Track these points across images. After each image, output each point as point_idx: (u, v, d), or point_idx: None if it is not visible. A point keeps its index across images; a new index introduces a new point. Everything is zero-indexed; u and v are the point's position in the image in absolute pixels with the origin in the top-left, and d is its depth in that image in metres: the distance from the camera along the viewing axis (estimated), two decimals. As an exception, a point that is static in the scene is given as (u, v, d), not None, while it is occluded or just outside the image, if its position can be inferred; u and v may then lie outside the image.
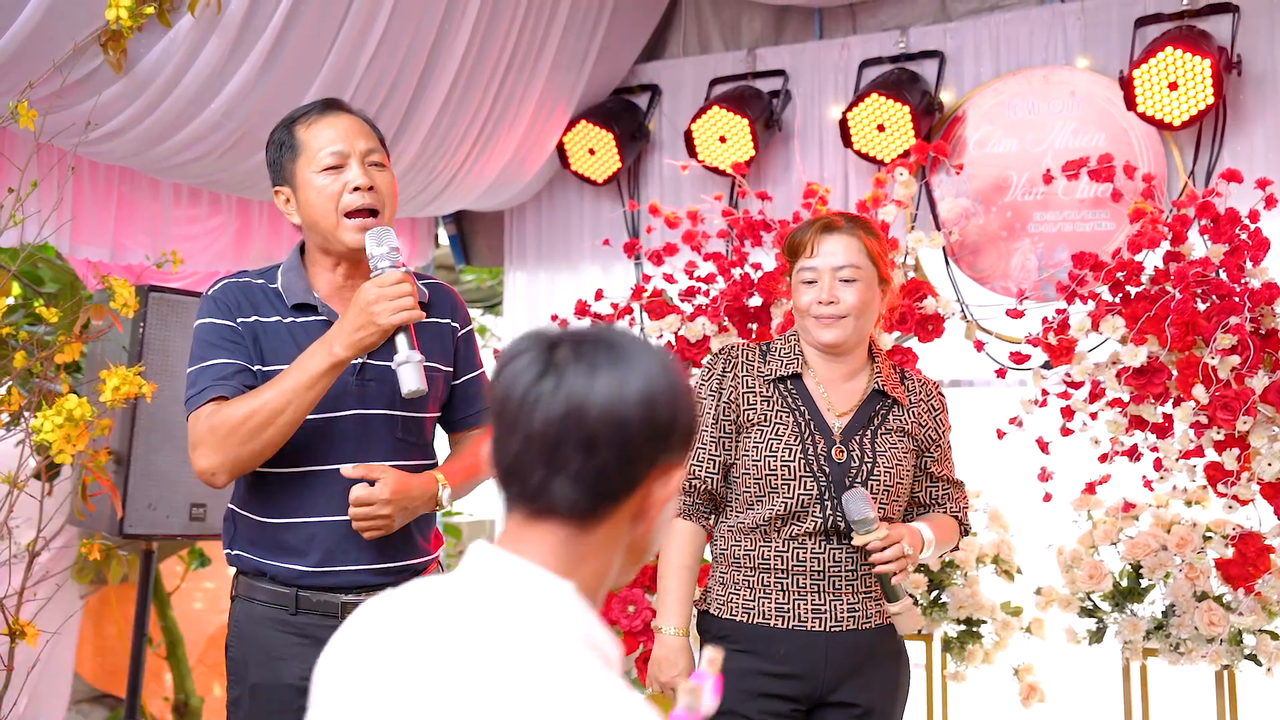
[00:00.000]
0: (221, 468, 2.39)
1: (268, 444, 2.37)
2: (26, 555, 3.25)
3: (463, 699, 1.21)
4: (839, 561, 2.74)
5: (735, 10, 5.71)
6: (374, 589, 2.49)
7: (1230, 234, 3.70)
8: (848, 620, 2.75)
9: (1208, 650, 3.74)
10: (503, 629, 1.26)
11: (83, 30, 3.35)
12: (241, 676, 2.50)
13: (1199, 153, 4.62)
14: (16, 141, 3.80)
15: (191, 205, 4.84)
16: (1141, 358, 3.68)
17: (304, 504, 2.49)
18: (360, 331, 2.34)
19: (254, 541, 2.52)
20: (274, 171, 2.58)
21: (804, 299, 2.80)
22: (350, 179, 2.47)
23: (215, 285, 2.54)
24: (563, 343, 1.33)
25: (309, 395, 2.35)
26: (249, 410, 2.34)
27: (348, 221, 2.47)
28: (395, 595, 1.40)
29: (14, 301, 4.88)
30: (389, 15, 4.16)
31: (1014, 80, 4.95)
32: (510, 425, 1.32)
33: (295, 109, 2.61)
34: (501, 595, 1.30)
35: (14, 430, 3.28)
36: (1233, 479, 3.62)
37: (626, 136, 5.54)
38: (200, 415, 2.40)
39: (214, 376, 2.42)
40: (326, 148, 2.48)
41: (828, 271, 2.78)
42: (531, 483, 1.32)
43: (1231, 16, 4.55)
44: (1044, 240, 4.80)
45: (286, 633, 2.48)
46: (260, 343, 2.48)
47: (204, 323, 2.49)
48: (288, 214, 2.56)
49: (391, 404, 2.54)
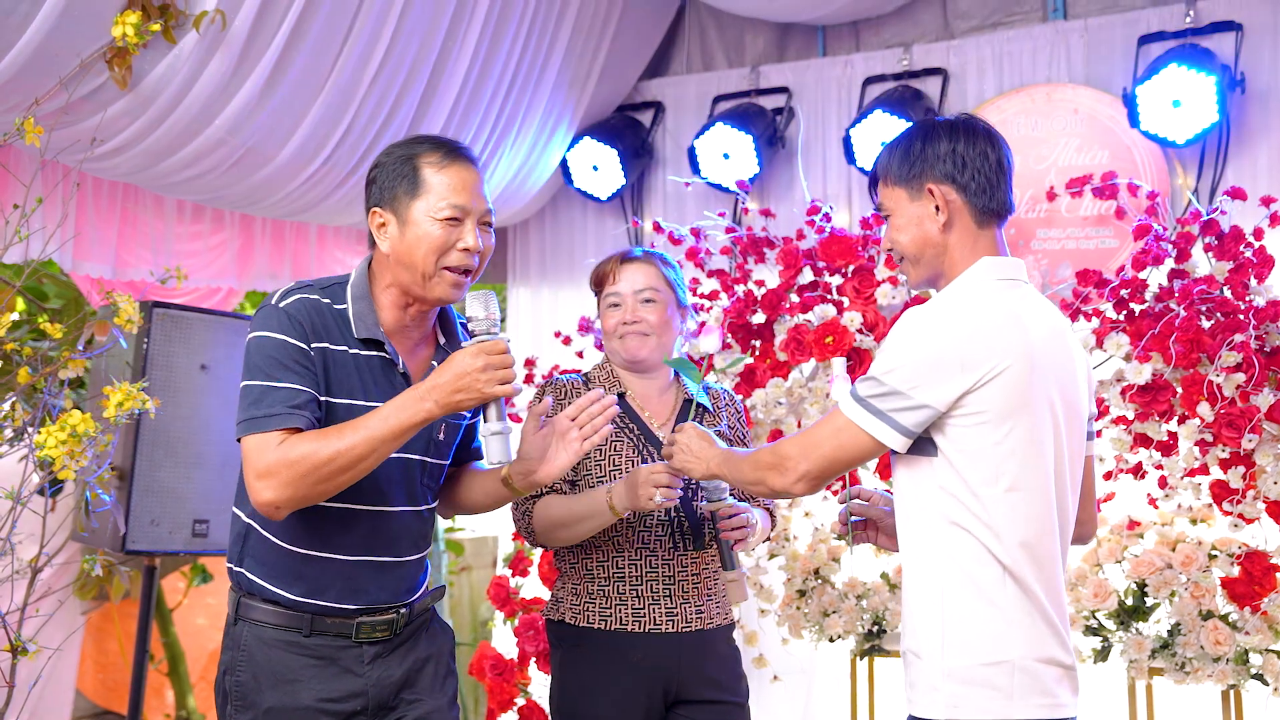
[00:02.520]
0: (289, 503, 2.32)
1: (340, 486, 2.33)
2: (29, 571, 3.24)
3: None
4: (685, 567, 2.97)
5: (739, 27, 5.72)
6: (386, 610, 2.51)
7: (1234, 251, 3.70)
8: (697, 621, 2.97)
9: (1214, 669, 3.73)
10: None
11: (88, 47, 3.36)
12: (253, 701, 2.44)
13: (1203, 170, 4.63)
14: (22, 158, 3.81)
15: (195, 222, 4.85)
16: (1146, 375, 3.67)
17: (333, 540, 2.46)
18: (460, 395, 2.31)
19: (267, 565, 2.46)
20: (379, 193, 2.49)
21: (611, 321, 3.07)
22: (464, 239, 2.44)
23: (287, 298, 2.45)
24: None
25: (393, 445, 2.33)
26: (333, 452, 2.28)
27: (446, 274, 2.44)
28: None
29: (18, 317, 4.88)
30: (393, 34, 4.18)
31: (1017, 97, 4.96)
32: None
33: (419, 137, 2.54)
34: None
35: (17, 446, 3.28)
36: (1238, 497, 3.61)
37: (630, 153, 5.55)
38: (268, 442, 2.31)
39: (286, 402, 2.34)
40: (451, 199, 2.43)
41: (630, 295, 3.05)
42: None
43: (1235, 34, 4.56)
44: (1048, 257, 4.80)
45: (300, 654, 2.45)
46: (329, 372, 2.43)
47: (275, 338, 2.39)
48: (378, 238, 2.49)
49: (425, 451, 2.56)
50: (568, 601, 3.02)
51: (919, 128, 2.51)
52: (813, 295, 4.20)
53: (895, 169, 2.47)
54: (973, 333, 2.28)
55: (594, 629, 2.95)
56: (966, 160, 2.44)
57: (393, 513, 2.52)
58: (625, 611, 2.94)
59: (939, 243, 2.45)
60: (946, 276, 2.47)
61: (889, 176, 2.49)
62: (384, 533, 2.51)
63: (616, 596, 2.96)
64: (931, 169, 2.44)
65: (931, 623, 2.33)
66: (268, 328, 2.40)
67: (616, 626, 2.94)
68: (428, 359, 2.57)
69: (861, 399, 2.31)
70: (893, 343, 2.32)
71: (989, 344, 2.27)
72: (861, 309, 4.07)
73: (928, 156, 2.44)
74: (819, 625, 4.33)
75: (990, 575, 2.30)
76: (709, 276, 4.46)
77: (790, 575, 4.40)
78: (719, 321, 4.28)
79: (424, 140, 2.52)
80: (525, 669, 4.23)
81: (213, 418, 4.08)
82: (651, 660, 2.93)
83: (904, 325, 2.33)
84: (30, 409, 3.28)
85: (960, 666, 2.29)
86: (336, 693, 2.45)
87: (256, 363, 2.38)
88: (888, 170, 2.49)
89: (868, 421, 2.30)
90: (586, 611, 2.97)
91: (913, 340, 2.30)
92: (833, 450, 2.36)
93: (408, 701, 2.54)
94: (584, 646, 2.97)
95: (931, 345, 2.28)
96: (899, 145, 2.49)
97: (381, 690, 2.50)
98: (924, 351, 2.28)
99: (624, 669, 2.92)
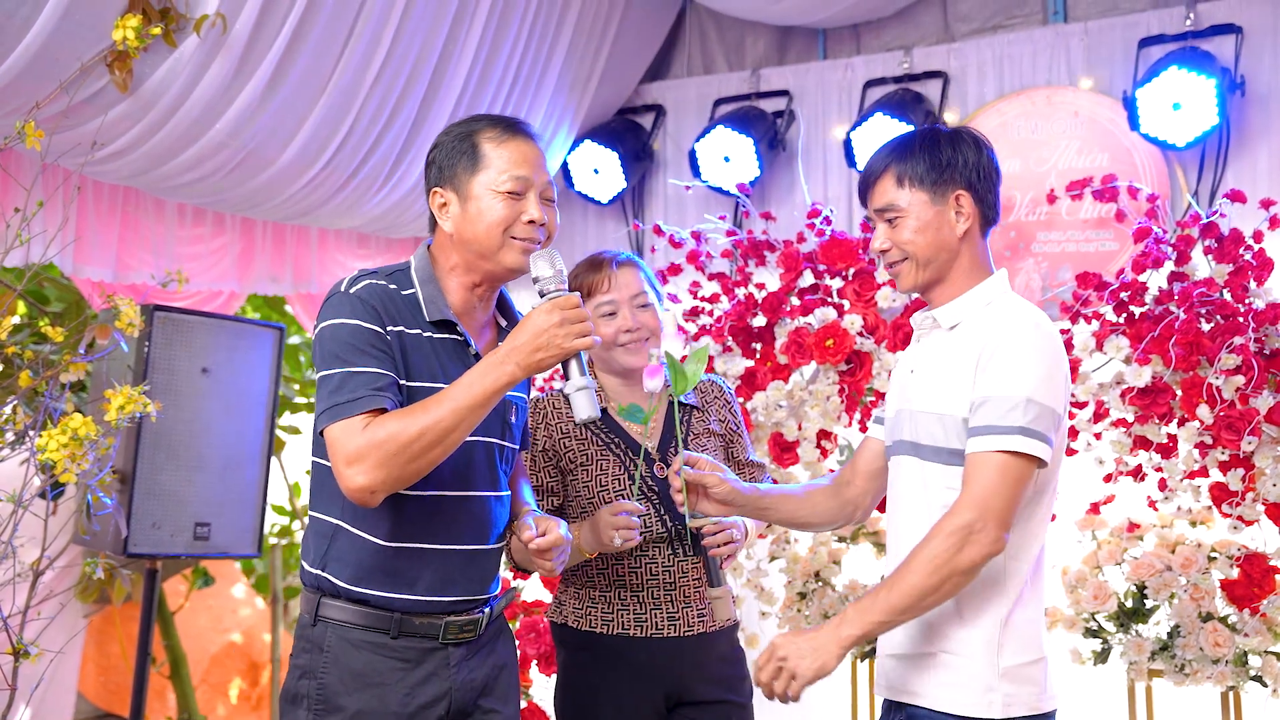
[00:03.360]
0: (384, 485, 2.25)
1: (432, 464, 2.27)
2: (30, 574, 3.25)
3: None
4: (686, 573, 2.94)
5: (739, 31, 5.73)
6: (472, 609, 2.49)
7: (1234, 254, 3.70)
8: (699, 624, 2.94)
9: (1213, 671, 3.73)
10: None
11: (89, 50, 3.36)
12: (339, 705, 2.37)
13: (1203, 173, 4.63)
14: (22, 161, 3.81)
15: (196, 225, 4.85)
16: (1146, 378, 3.67)
17: (425, 530, 2.41)
18: (540, 353, 2.27)
19: (355, 564, 2.40)
20: (438, 172, 2.47)
21: (607, 330, 2.96)
22: (529, 210, 2.41)
23: (356, 284, 2.40)
24: None
25: (479, 414, 2.28)
26: (421, 428, 2.23)
27: (515, 242, 2.41)
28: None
29: (19, 320, 4.89)
30: (394, 37, 4.18)
31: (1017, 100, 4.96)
32: None
33: (477, 116, 2.52)
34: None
35: (19, 449, 3.28)
36: (1238, 499, 3.61)
37: (631, 156, 5.56)
38: (354, 427, 2.26)
39: (369, 385, 2.29)
40: (512, 171, 2.41)
41: (625, 301, 2.97)
42: None
43: (1235, 37, 4.56)
44: (1048, 260, 4.80)
45: (388, 656, 2.39)
46: (407, 356, 2.38)
47: (349, 324, 2.34)
48: (441, 218, 2.46)
49: (502, 434, 2.54)
50: (570, 605, 3.01)
51: (939, 133, 2.53)
52: (813, 298, 4.20)
53: (921, 171, 2.48)
54: (1061, 343, 2.43)
55: (596, 633, 2.95)
56: (985, 172, 2.51)
57: (477, 498, 2.49)
58: (627, 616, 2.94)
59: (954, 249, 2.49)
60: (949, 281, 2.51)
61: (909, 177, 2.49)
62: (471, 519, 2.47)
63: (618, 601, 2.95)
64: (960, 176, 2.48)
65: (983, 624, 2.37)
66: (340, 314, 2.36)
67: (618, 631, 2.93)
68: (493, 341, 2.54)
69: (1024, 428, 2.30)
70: (1023, 361, 2.34)
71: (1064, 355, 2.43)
72: (862, 312, 4.08)
73: (957, 163, 2.48)
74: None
75: (1031, 574, 2.41)
76: (710, 279, 4.46)
77: (791, 578, 4.40)
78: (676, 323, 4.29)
79: (482, 118, 2.50)
80: (526, 671, 4.23)
81: (214, 421, 4.09)
82: (654, 664, 2.92)
83: (1023, 341, 2.36)
84: (31, 412, 3.28)
85: (1014, 665, 2.36)
86: (425, 696, 2.40)
87: (333, 350, 2.33)
88: (908, 171, 2.49)
89: (1033, 446, 2.30)
90: (589, 616, 2.97)
91: (1040, 355, 2.36)
92: (1010, 492, 2.31)
93: (485, 710, 2.51)
94: (587, 650, 2.97)
95: (1052, 357, 2.37)
96: (923, 148, 2.50)
97: (464, 694, 2.46)
98: (1049, 364, 2.36)
99: (626, 673, 2.91)
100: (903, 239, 2.49)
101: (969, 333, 2.46)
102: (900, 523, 2.53)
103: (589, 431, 3.00)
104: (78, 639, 5.20)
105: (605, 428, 3.01)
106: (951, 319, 2.50)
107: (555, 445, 3.01)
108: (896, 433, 2.56)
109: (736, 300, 4.33)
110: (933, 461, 2.43)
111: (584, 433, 3.01)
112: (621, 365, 3.01)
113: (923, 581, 2.28)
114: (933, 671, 2.41)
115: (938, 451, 2.42)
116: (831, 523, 2.85)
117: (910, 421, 2.50)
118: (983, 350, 2.38)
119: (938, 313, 2.52)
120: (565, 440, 3.01)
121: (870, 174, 2.56)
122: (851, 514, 2.84)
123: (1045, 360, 2.36)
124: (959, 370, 2.41)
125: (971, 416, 2.36)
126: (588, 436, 3.00)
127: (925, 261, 2.49)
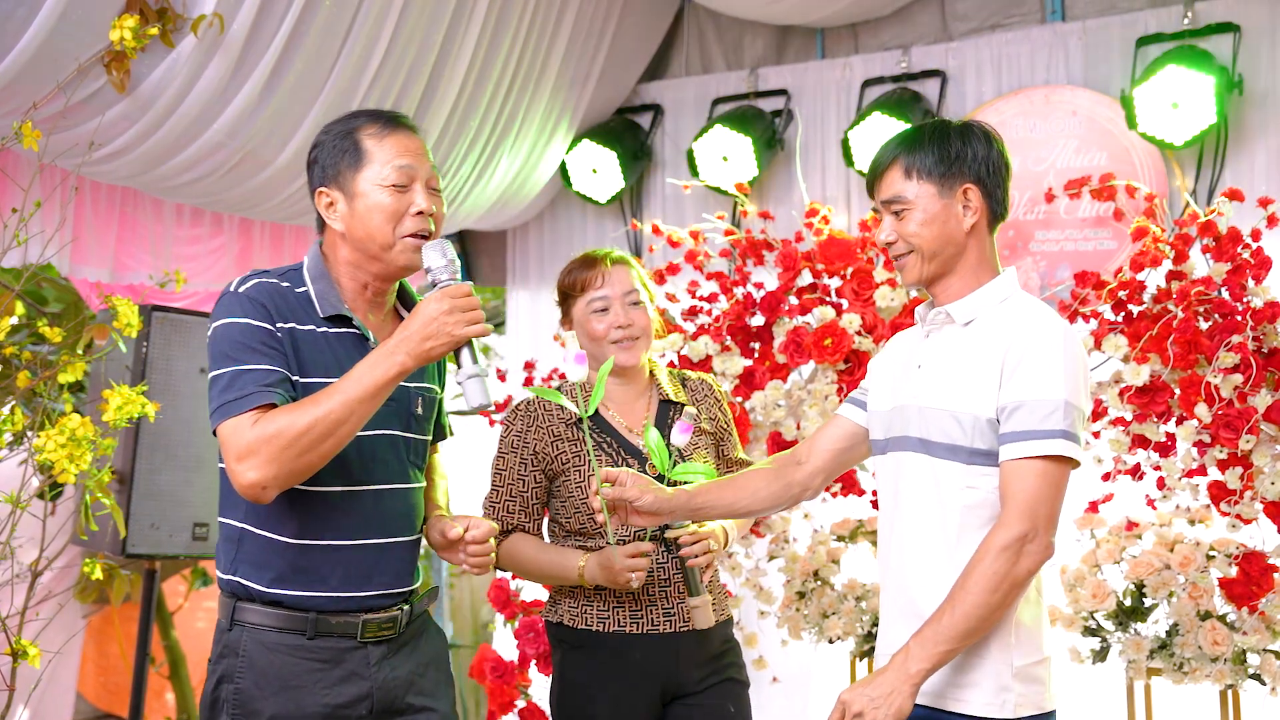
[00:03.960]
0: (275, 480, 2.25)
1: (324, 457, 2.27)
2: (29, 575, 3.25)
3: None
4: (679, 569, 2.90)
5: (738, 30, 5.73)
6: (389, 608, 2.48)
7: (1232, 253, 3.70)
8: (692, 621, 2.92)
9: (1211, 669, 3.73)
10: None
11: (86, 51, 3.36)
12: (254, 710, 2.35)
13: (1200, 171, 4.63)
14: (20, 161, 3.81)
15: (193, 225, 4.85)
16: (1144, 376, 3.67)
17: (331, 525, 2.40)
18: (430, 341, 2.26)
19: (265, 566, 2.39)
20: (321, 172, 2.48)
21: (599, 327, 3.00)
22: (416, 202, 2.42)
23: (245, 284, 2.40)
24: None
25: (370, 405, 2.27)
26: (310, 420, 2.22)
27: (406, 241, 2.41)
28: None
29: (17, 321, 4.88)
30: (391, 36, 4.18)
31: (1015, 99, 4.96)
32: None
33: (355, 113, 2.53)
34: None
35: (17, 450, 3.28)
36: (1236, 498, 3.62)
37: (629, 156, 5.55)
38: (243, 422, 2.25)
39: (259, 382, 2.28)
40: (396, 163, 2.42)
41: (618, 298, 3.00)
42: None
43: (1233, 36, 4.56)
44: (1046, 259, 4.80)
45: (305, 658, 2.38)
46: (300, 352, 2.38)
47: (238, 323, 2.34)
48: (328, 218, 2.47)
49: (406, 427, 2.53)
50: (565, 604, 3.02)
51: (949, 125, 2.53)
52: (811, 297, 4.21)
53: (930, 164, 2.47)
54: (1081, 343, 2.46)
55: (593, 631, 2.96)
56: (994, 166, 2.50)
57: (385, 490, 2.48)
58: (623, 614, 2.94)
59: (960, 243, 2.48)
60: (955, 276, 2.50)
61: (918, 169, 2.48)
62: (380, 512, 2.46)
63: (614, 599, 2.95)
64: (969, 169, 2.48)
65: (998, 625, 2.36)
66: (230, 314, 2.36)
67: (614, 629, 2.94)
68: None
69: (1064, 431, 2.30)
70: (1056, 363, 2.34)
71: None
72: (860, 311, 4.08)
73: (966, 156, 2.48)
74: (818, 627, 4.33)
75: (1037, 575, 2.40)
76: (708, 279, 4.46)
77: (790, 577, 4.41)
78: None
79: (361, 114, 2.51)
80: (525, 671, 4.24)
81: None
82: (650, 660, 2.93)
83: (1055, 343, 2.36)
84: (30, 413, 3.28)
85: (1024, 665, 2.37)
86: (343, 697, 2.39)
87: (223, 349, 2.33)
88: (916, 163, 2.48)
89: (1072, 449, 2.32)
90: (585, 614, 2.97)
91: (1071, 357, 2.37)
92: (1055, 496, 2.34)
93: (416, 707, 2.50)
94: (583, 648, 2.98)
95: (1080, 358, 2.39)
96: (933, 140, 2.49)
97: (387, 693, 2.45)
98: (1079, 365, 2.38)
99: (622, 670, 2.92)
100: (909, 231, 2.49)
101: (987, 330, 2.44)
102: (903, 520, 2.51)
103: (578, 430, 3.00)
104: (76, 639, 5.19)
105: (597, 428, 3.01)
106: (966, 315, 2.49)
107: (546, 448, 3.01)
108: (897, 428, 2.54)
109: (735, 299, 4.33)
110: (947, 459, 2.41)
111: (575, 433, 3.01)
112: (614, 363, 2.98)
113: (985, 600, 2.27)
114: (947, 673, 2.40)
115: (954, 450, 2.40)
116: (774, 506, 2.82)
117: (918, 418, 2.48)
118: (1009, 351, 2.37)
119: (951, 308, 2.51)
120: (557, 442, 3.01)
121: (878, 165, 2.55)
122: (798, 496, 2.81)
123: (1075, 362, 2.37)
124: (982, 369, 2.40)
125: (1005, 421, 2.35)
126: (578, 436, 3.00)
127: (931, 255, 2.48)
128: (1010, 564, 2.28)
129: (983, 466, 2.38)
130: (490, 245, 6.31)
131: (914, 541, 2.47)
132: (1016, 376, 2.34)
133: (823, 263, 4.18)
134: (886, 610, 2.59)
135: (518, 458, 3.02)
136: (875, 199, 2.57)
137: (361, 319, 2.48)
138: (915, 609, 2.43)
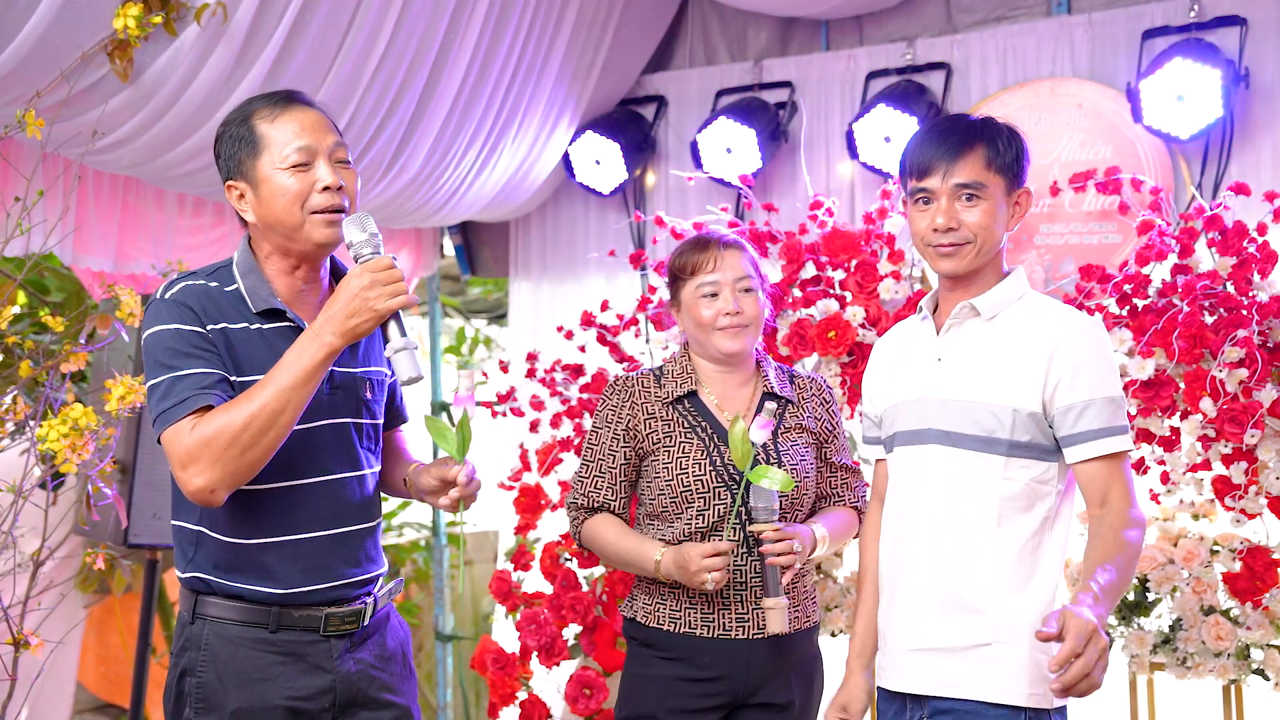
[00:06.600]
0: (222, 483, 2.23)
1: (267, 451, 2.24)
2: (31, 564, 3.25)
3: None
4: (758, 573, 2.81)
5: (742, 22, 5.72)
6: (352, 600, 2.47)
7: (1238, 247, 3.69)
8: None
9: (1215, 664, 3.73)
10: None
11: (89, 39, 3.35)
12: (217, 703, 2.35)
13: (1206, 165, 4.61)
14: (22, 150, 3.80)
15: (196, 215, 4.83)
16: (1149, 371, 3.66)
17: (286, 521, 2.39)
18: (355, 318, 2.23)
19: (223, 565, 2.38)
20: (226, 166, 2.45)
21: (706, 312, 2.91)
22: (320, 178, 2.37)
23: (171, 289, 2.39)
24: None
25: (305, 391, 2.24)
26: (249, 415, 2.20)
27: (316, 218, 2.37)
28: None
29: (20, 310, 4.88)
30: (395, 26, 4.17)
31: (1021, 92, 4.95)
32: None
33: (250, 99, 2.48)
34: None
35: (19, 439, 3.28)
36: (1240, 493, 3.61)
37: (633, 147, 5.54)
38: (183, 428, 2.24)
39: (195, 386, 2.26)
40: (293, 143, 2.37)
41: (729, 284, 2.91)
42: None
43: (1239, 29, 4.55)
44: (1051, 252, 4.79)
45: (268, 651, 2.37)
46: (235, 351, 2.35)
47: (168, 329, 2.32)
48: (241, 210, 2.45)
49: (357, 413, 2.51)
50: (641, 600, 2.96)
51: (1016, 129, 2.56)
52: (815, 290, 4.19)
53: (1009, 160, 2.51)
54: None
55: (664, 630, 2.89)
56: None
57: (336, 480, 2.46)
58: (695, 616, 2.86)
59: (999, 241, 2.54)
60: (986, 272, 2.55)
61: (998, 164, 2.49)
62: (334, 502, 2.45)
63: (687, 600, 2.87)
64: (1026, 175, 2.56)
65: (1034, 615, 2.40)
66: (160, 321, 2.34)
67: (685, 630, 2.86)
68: None
69: (1126, 426, 2.46)
70: (1107, 361, 2.49)
71: None
72: (864, 304, 4.07)
73: (1024, 163, 2.55)
74: (821, 620, 4.32)
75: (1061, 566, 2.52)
76: (711, 271, 4.44)
77: (792, 570, 4.39)
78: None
79: (255, 99, 2.47)
80: (527, 663, 4.23)
81: (214, 411, 4.07)
82: (718, 666, 2.84)
83: (1101, 341, 2.49)
84: (32, 402, 3.28)
85: (1046, 659, 2.37)
86: (307, 690, 2.38)
87: (156, 358, 2.31)
88: (998, 158, 2.49)
89: (1131, 439, 2.56)
90: (658, 612, 2.91)
91: (1110, 353, 2.52)
92: (1132, 482, 2.48)
93: (379, 703, 2.49)
94: (651, 646, 2.92)
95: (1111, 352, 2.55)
96: (1011, 139, 2.53)
97: (350, 686, 2.44)
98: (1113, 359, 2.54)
99: (689, 673, 2.85)
100: (976, 221, 2.48)
101: (1014, 326, 2.50)
102: (929, 513, 2.51)
103: (675, 411, 2.93)
104: (78, 629, 5.19)
105: (693, 409, 2.94)
106: (991, 309, 2.52)
107: (639, 425, 2.93)
108: (912, 421, 2.55)
109: (738, 292, 4.31)
110: (981, 451, 2.44)
111: (669, 411, 2.94)
112: (719, 350, 2.93)
113: (1129, 574, 2.35)
114: (985, 664, 2.41)
115: (990, 442, 2.44)
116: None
117: (941, 410, 2.49)
118: (1058, 349, 2.43)
119: (977, 302, 2.53)
120: (650, 420, 2.94)
121: (954, 146, 2.50)
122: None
123: (1113, 357, 2.53)
124: (1020, 364, 2.45)
125: (1077, 419, 2.43)
126: (673, 416, 2.93)
127: (985, 249, 2.52)
128: (1141, 542, 2.42)
129: (1022, 459, 2.44)
130: (493, 236, 6.30)
131: (949, 534, 2.47)
132: (1080, 377, 2.42)
133: (826, 255, 4.16)
134: (913, 603, 2.55)
135: (610, 433, 2.96)
136: (942, 180, 2.49)
137: (296, 310, 2.45)
138: (960, 601, 2.45)
